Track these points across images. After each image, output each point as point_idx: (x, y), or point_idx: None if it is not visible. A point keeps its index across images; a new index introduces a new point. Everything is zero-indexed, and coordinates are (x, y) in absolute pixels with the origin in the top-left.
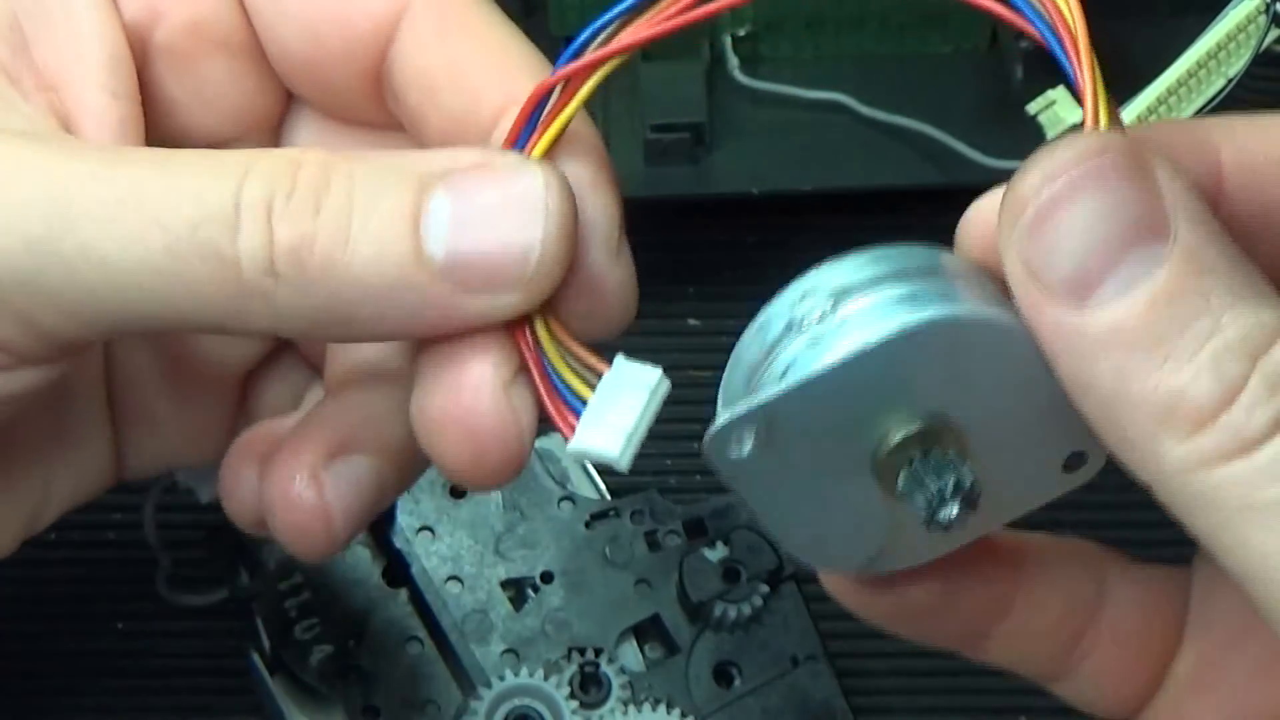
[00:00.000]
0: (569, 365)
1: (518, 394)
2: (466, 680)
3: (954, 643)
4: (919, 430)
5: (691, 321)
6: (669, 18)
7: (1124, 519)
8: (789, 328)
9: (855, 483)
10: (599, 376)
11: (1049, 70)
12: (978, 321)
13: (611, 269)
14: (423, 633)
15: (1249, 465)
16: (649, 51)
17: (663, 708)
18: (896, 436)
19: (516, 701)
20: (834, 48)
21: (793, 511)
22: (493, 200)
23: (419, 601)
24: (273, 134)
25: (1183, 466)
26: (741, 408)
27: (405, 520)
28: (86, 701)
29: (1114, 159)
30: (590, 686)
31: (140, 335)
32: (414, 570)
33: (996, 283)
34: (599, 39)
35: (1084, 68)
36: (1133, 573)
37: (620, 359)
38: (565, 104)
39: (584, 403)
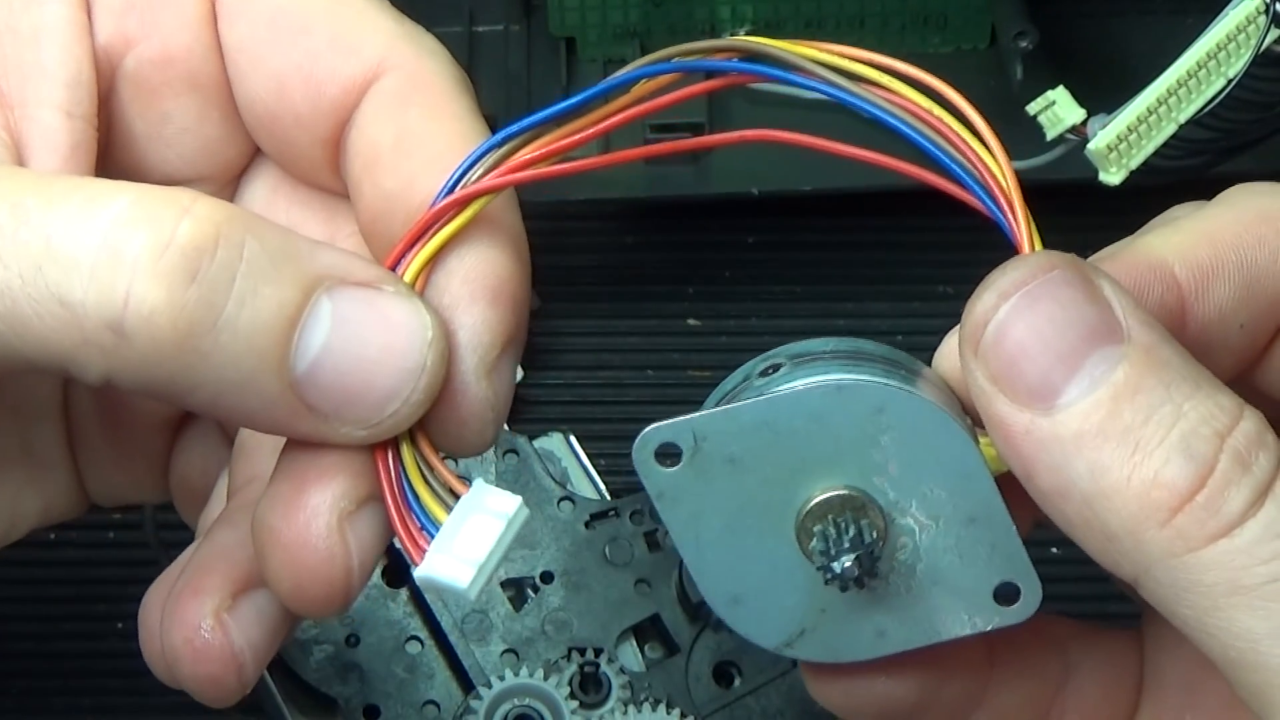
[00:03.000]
0: (429, 485)
1: (359, 527)
2: (466, 680)
3: None
4: (841, 495)
5: (691, 321)
6: (541, 158)
7: None
8: (746, 378)
9: (776, 540)
10: (457, 498)
11: (1049, 70)
12: (917, 402)
13: (480, 390)
14: (423, 633)
15: (1232, 546)
16: (649, 51)
17: (663, 708)
18: (819, 497)
19: (516, 701)
20: None
21: (714, 553)
22: (372, 337)
23: (419, 601)
24: (231, 185)
25: (1167, 551)
26: (671, 420)
27: None
28: (86, 701)
29: (1062, 273)
30: (590, 686)
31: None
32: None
33: (959, 400)
34: (475, 173)
35: (1013, 200)
36: (1092, 642)
37: (479, 483)
38: (446, 225)
39: (438, 526)
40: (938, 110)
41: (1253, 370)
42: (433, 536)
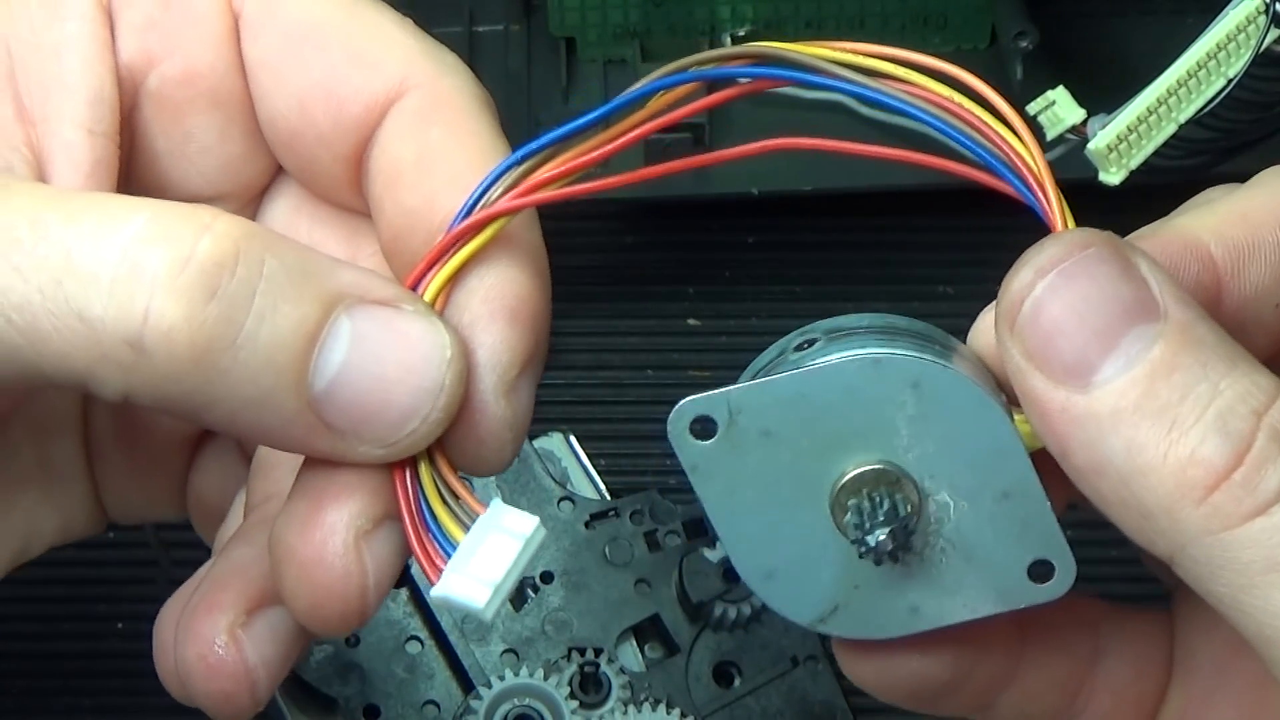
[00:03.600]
0: (445, 504)
1: (376, 545)
2: (466, 680)
3: (961, 712)
4: (876, 470)
5: (691, 321)
6: (557, 178)
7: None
8: (781, 352)
9: (811, 514)
10: (474, 518)
11: (1049, 70)
12: (952, 377)
13: (498, 409)
14: (423, 633)
15: (1269, 523)
16: (649, 51)
17: (663, 708)
18: (853, 471)
19: (516, 701)
20: None
21: (748, 527)
22: (391, 355)
23: (419, 601)
24: (254, 203)
25: (1203, 529)
26: (707, 393)
27: None
28: (86, 702)
29: (1099, 251)
30: (590, 686)
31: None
32: (414, 570)
33: (993, 376)
34: (495, 192)
35: (1045, 180)
36: (1122, 622)
37: (497, 503)
38: (466, 245)
39: (455, 546)
40: (961, 99)
41: None
42: (449, 556)
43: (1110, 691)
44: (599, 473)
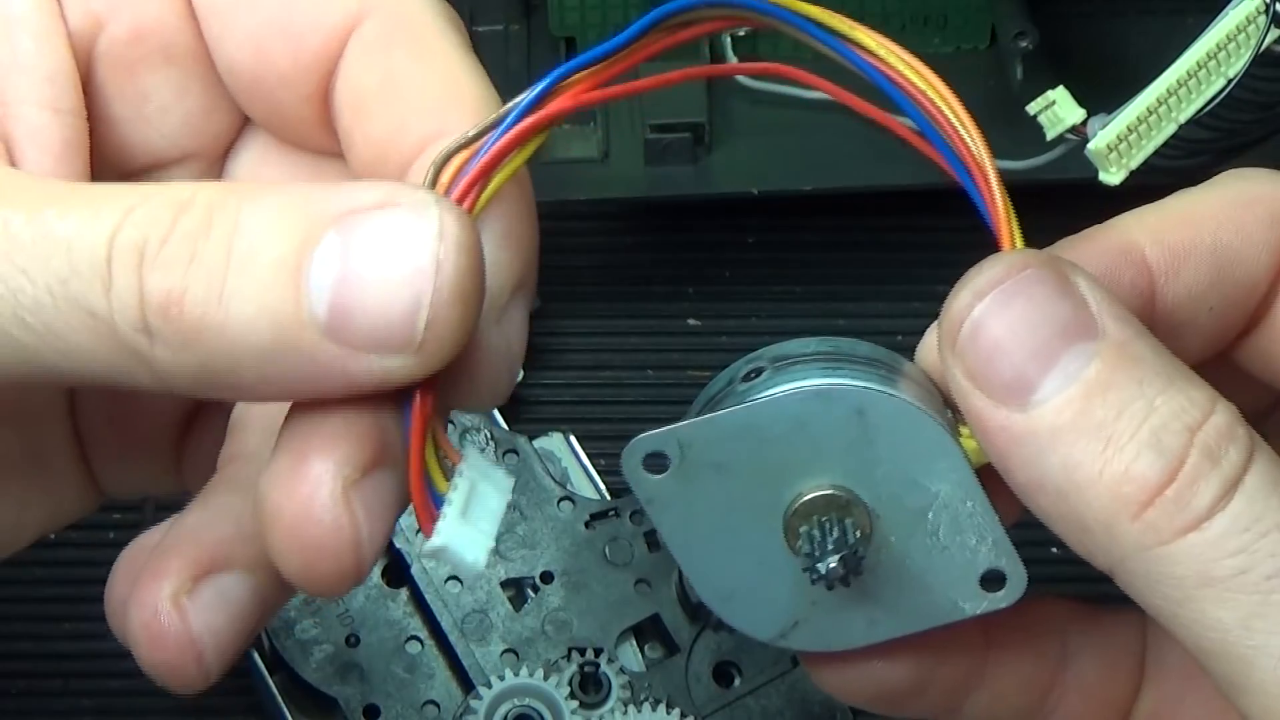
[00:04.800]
0: (434, 451)
1: (366, 495)
2: (466, 680)
3: (929, 714)
4: (826, 495)
5: (691, 321)
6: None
7: None
8: (730, 382)
9: (765, 538)
10: (452, 466)
11: (1049, 70)
12: (895, 404)
13: (488, 335)
14: (423, 633)
15: (1201, 539)
16: None
17: (663, 708)
18: (805, 497)
19: (516, 701)
20: None
21: (705, 553)
22: (382, 249)
23: (419, 601)
24: (221, 158)
25: (1139, 544)
26: (656, 431)
27: (405, 520)
28: (86, 702)
29: (1036, 272)
30: (590, 686)
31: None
32: (414, 570)
33: (940, 393)
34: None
35: (996, 199)
36: (1092, 623)
37: (473, 452)
38: (501, 160)
39: (442, 496)
40: (939, 96)
41: (1234, 350)
42: (439, 506)
43: (1080, 692)
44: (599, 473)
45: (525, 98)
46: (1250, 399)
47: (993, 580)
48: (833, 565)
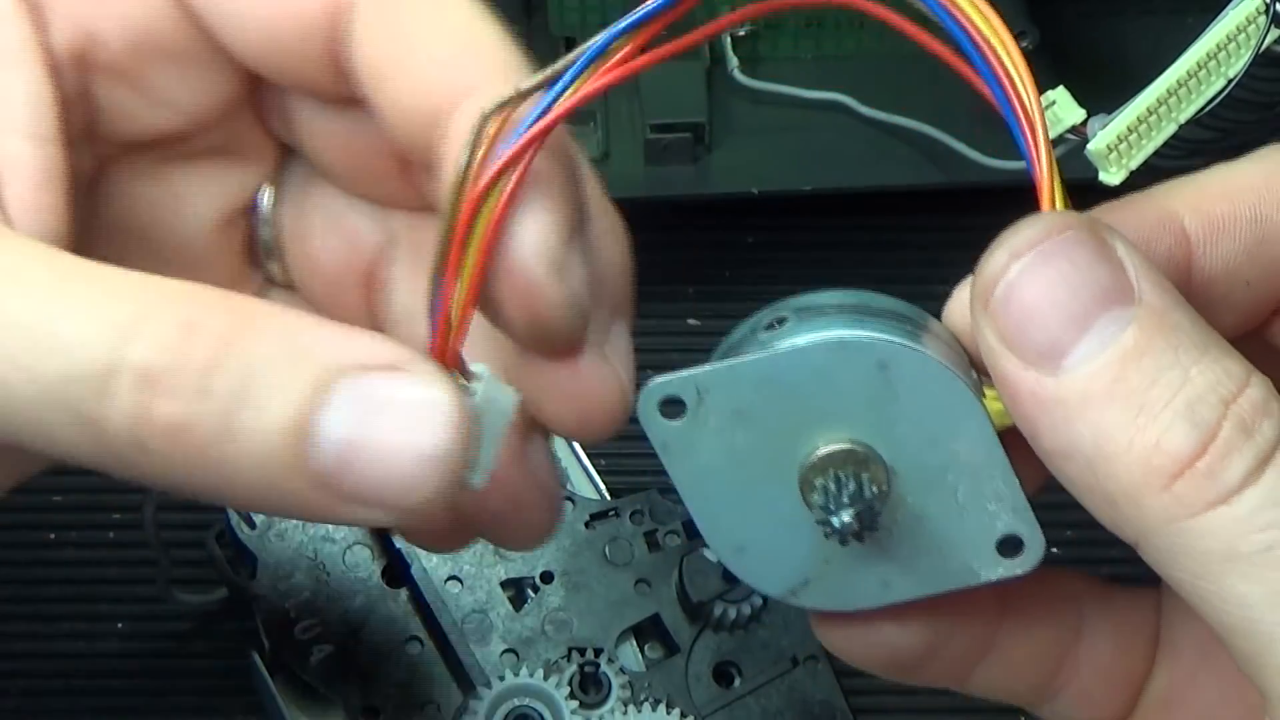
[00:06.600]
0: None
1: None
2: (466, 680)
3: (938, 682)
4: (844, 450)
5: (691, 321)
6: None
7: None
8: (752, 330)
9: (780, 491)
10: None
11: (1049, 70)
12: (919, 358)
13: (550, 292)
14: (423, 633)
15: (1230, 513)
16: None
17: (663, 708)
18: (822, 451)
19: (516, 701)
20: (834, 48)
21: (718, 503)
22: (388, 425)
23: (419, 601)
24: (230, 122)
25: (1166, 516)
26: (675, 374)
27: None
28: (86, 702)
29: (1076, 234)
30: (590, 686)
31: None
32: (414, 570)
33: (966, 353)
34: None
35: (1041, 160)
36: (1108, 599)
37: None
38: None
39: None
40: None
41: (1268, 328)
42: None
43: (1093, 667)
44: (599, 473)
45: (586, 50)
46: None
47: (1010, 546)
48: (847, 520)
